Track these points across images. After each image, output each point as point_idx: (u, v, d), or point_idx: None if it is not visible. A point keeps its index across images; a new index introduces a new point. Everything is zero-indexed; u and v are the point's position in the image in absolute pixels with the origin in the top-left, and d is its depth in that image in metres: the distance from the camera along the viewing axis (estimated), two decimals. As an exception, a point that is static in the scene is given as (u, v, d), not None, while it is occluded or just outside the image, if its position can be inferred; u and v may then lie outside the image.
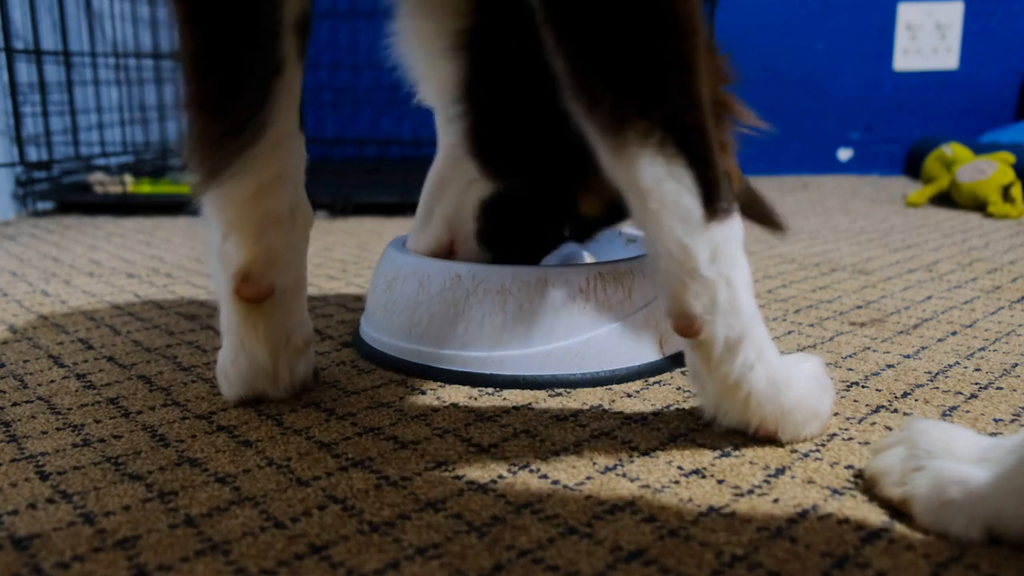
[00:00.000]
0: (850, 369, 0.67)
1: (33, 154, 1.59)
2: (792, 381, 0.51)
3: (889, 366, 0.68)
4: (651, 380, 0.64)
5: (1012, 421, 0.56)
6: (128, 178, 1.66)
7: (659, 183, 0.46)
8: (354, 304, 0.89)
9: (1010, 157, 1.58)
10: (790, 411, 0.51)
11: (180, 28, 0.51)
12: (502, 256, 0.69)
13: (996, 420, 0.56)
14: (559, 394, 0.61)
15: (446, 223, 0.69)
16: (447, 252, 0.69)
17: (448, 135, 0.67)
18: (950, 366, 0.67)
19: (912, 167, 2.22)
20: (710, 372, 0.51)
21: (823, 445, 0.52)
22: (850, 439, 0.53)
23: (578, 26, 0.45)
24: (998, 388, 0.62)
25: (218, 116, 0.51)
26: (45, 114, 1.58)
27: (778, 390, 0.50)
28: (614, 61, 0.44)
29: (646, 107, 0.45)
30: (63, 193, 1.64)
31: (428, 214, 0.70)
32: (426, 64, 0.65)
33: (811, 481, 0.47)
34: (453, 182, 0.68)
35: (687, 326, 0.49)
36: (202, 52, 0.51)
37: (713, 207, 0.47)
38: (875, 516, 0.43)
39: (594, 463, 0.50)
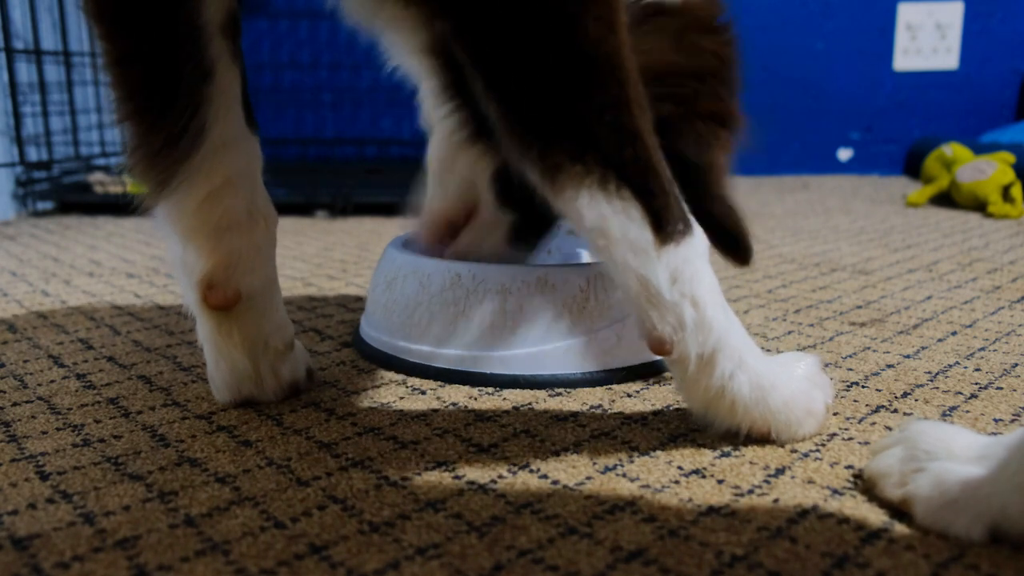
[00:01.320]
0: (850, 369, 0.67)
1: (33, 154, 1.59)
2: (778, 384, 0.51)
3: (889, 366, 0.68)
4: (651, 380, 0.64)
5: (1012, 421, 0.56)
6: (128, 178, 1.66)
7: (604, 220, 0.46)
8: (354, 304, 0.89)
9: (1010, 157, 1.58)
10: (779, 412, 0.51)
11: (102, 44, 0.50)
12: (523, 216, 0.68)
13: (996, 420, 0.56)
14: (559, 394, 0.61)
15: (461, 194, 0.68)
16: (461, 221, 0.69)
17: (444, 119, 0.67)
18: (950, 366, 0.67)
19: (912, 167, 2.22)
20: (690, 386, 0.51)
21: (823, 445, 0.52)
22: (850, 439, 0.53)
23: (502, 77, 0.45)
24: (998, 388, 0.62)
25: (154, 127, 0.51)
26: (45, 114, 1.58)
27: (764, 394, 0.50)
28: (541, 109, 0.45)
29: (578, 151, 0.45)
30: (63, 193, 1.64)
31: (442, 187, 0.69)
32: (415, 57, 0.64)
33: (811, 481, 0.47)
34: (462, 156, 0.68)
35: (659, 347, 0.49)
36: (127, 66, 0.50)
37: (665, 232, 0.47)
38: (875, 516, 0.43)
39: (594, 463, 0.50)
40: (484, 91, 0.46)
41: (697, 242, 0.49)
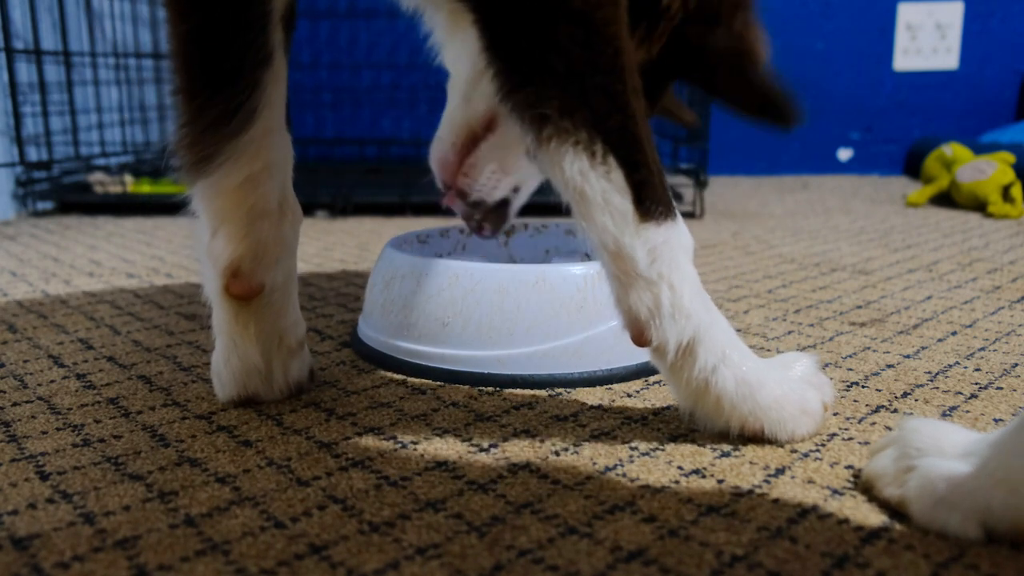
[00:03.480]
0: (850, 369, 0.67)
1: (33, 154, 1.59)
2: (767, 381, 0.51)
3: (889, 366, 0.68)
4: (651, 380, 0.64)
5: (1012, 421, 0.56)
6: (128, 178, 1.66)
7: (585, 179, 0.47)
8: (354, 304, 0.89)
9: (1010, 157, 1.58)
10: (770, 410, 0.51)
11: (172, 15, 0.52)
12: None
13: (996, 420, 0.56)
14: (559, 394, 0.61)
15: (485, 104, 0.66)
16: (482, 133, 0.67)
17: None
18: (950, 366, 0.67)
19: (912, 167, 2.22)
20: (673, 378, 0.51)
21: (823, 445, 0.52)
22: (850, 439, 0.53)
23: (502, 36, 0.46)
24: (998, 388, 0.62)
25: (209, 103, 0.52)
26: (45, 114, 1.58)
27: (751, 391, 0.51)
28: (535, 66, 0.46)
29: (568, 107, 0.46)
30: (63, 193, 1.64)
31: (465, 98, 0.66)
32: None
33: (811, 481, 0.47)
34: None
35: (638, 333, 0.50)
36: (194, 40, 0.52)
37: (646, 207, 0.47)
38: (875, 516, 0.43)
39: (594, 463, 0.50)
40: (484, 51, 0.47)
41: (680, 233, 0.50)
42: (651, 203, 0.48)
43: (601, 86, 0.46)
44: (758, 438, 0.52)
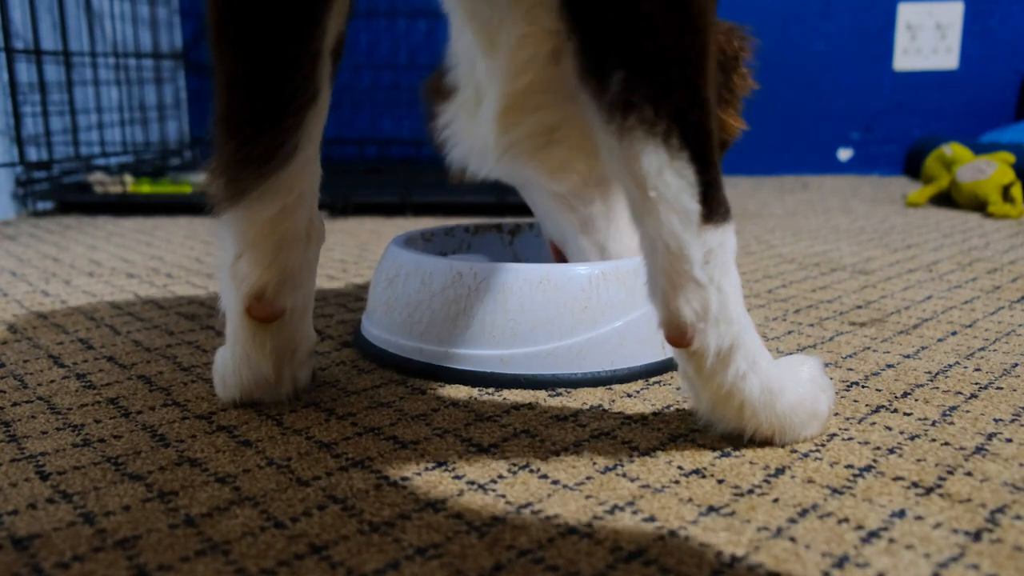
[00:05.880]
0: (850, 369, 0.67)
1: (33, 154, 1.59)
2: (787, 387, 0.51)
3: (889, 366, 0.68)
4: (651, 380, 0.64)
5: (1012, 421, 0.56)
6: (128, 178, 1.66)
7: (660, 172, 0.45)
8: (354, 304, 0.89)
9: (1010, 157, 1.58)
10: (785, 416, 0.51)
11: (220, 51, 0.50)
12: None
13: (996, 420, 0.56)
14: (559, 394, 0.61)
15: None
16: None
17: None
18: (950, 366, 0.67)
19: (912, 167, 2.22)
20: (703, 382, 0.51)
21: (823, 445, 0.52)
22: (850, 439, 0.53)
23: (593, 11, 0.45)
24: (998, 388, 0.62)
25: (251, 139, 0.51)
26: (45, 114, 1.58)
27: (772, 398, 0.50)
28: (624, 48, 0.44)
29: (653, 95, 0.44)
30: (63, 193, 1.64)
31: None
32: None
33: (811, 481, 0.47)
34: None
35: (679, 336, 0.48)
36: (243, 78, 0.50)
37: (710, 208, 0.46)
38: (875, 516, 0.43)
39: (594, 463, 0.50)
40: (570, 29, 0.45)
41: (731, 234, 0.49)
42: (715, 204, 0.47)
43: (687, 77, 0.45)
44: (765, 443, 0.52)
